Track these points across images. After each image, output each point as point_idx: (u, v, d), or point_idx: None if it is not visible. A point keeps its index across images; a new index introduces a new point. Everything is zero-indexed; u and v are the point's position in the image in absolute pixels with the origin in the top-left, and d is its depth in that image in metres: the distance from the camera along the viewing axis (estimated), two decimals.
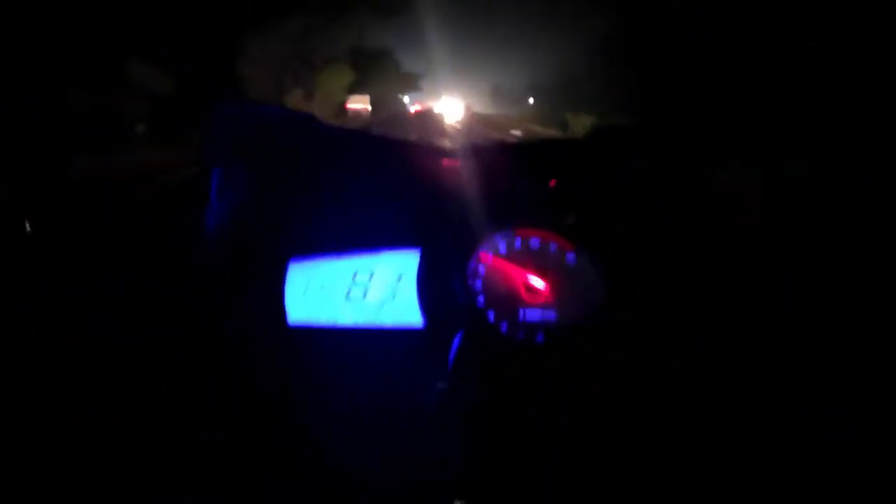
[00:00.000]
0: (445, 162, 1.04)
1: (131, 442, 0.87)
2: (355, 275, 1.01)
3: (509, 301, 0.94)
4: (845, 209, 0.88)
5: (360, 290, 1.00)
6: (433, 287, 0.96)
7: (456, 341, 0.91)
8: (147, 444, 0.88)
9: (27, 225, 0.94)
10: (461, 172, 1.01)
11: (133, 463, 0.85)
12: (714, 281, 0.86)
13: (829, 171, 0.92)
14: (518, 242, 0.95)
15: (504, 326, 0.94)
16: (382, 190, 1.03)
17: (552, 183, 0.95)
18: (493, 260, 0.95)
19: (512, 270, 0.94)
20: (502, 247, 0.95)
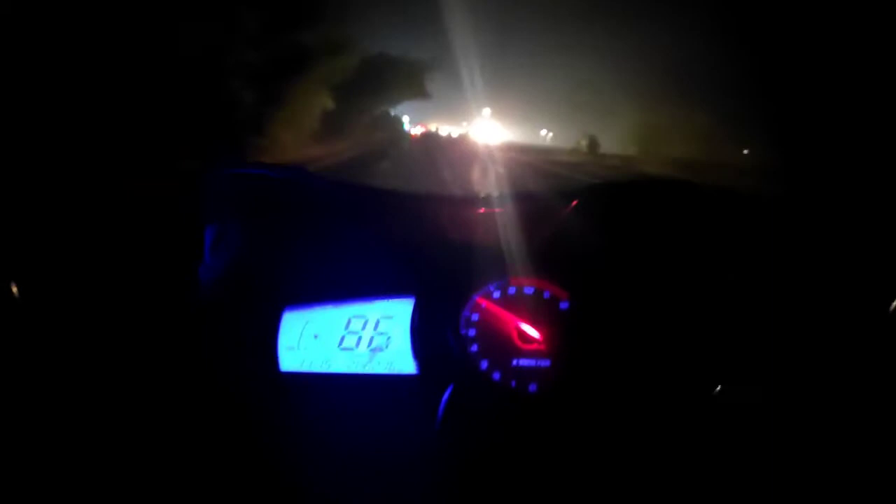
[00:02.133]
0: (440, 210, 1.05)
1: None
2: (349, 323, 1.01)
3: (502, 349, 0.93)
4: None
5: (353, 338, 1.00)
6: (426, 335, 0.96)
7: (448, 390, 0.91)
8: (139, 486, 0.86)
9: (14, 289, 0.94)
10: (456, 221, 1.03)
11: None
12: (706, 323, 0.86)
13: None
14: (512, 290, 0.96)
15: (497, 375, 0.93)
16: (376, 239, 1.05)
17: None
18: (486, 308, 0.95)
19: (506, 318, 0.94)
20: (496, 295, 0.96)
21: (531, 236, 0.97)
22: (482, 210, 1.03)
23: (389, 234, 1.04)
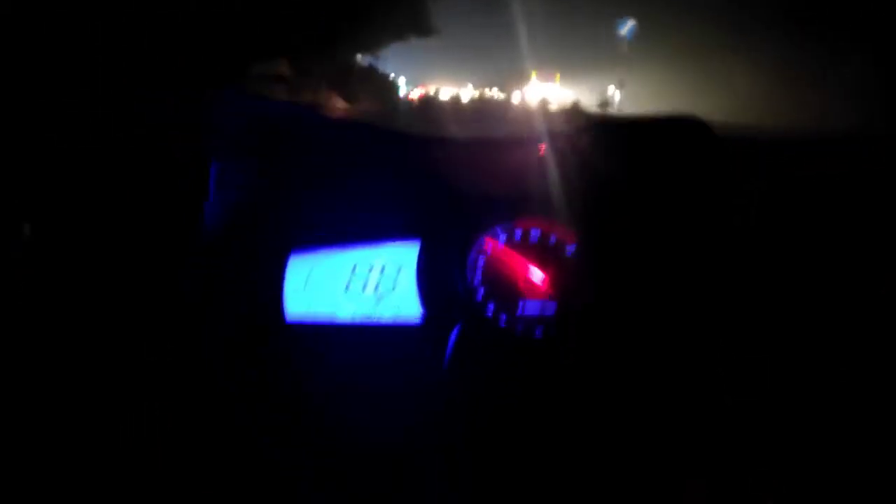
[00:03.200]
0: (447, 153, 1.03)
1: (131, 441, 0.88)
2: (355, 267, 1.00)
3: (508, 294, 0.92)
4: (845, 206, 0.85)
5: (359, 282, 1.00)
6: (432, 279, 0.95)
7: (454, 334, 0.90)
8: (145, 438, 0.88)
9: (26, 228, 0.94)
10: (462, 163, 1.00)
11: (132, 462, 0.86)
12: (715, 271, 0.84)
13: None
14: (518, 234, 0.94)
15: (503, 319, 0.92)
16: (383, 182, 1.03)
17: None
18: (492, 252, 0.94)
19: (512, 262, 0.93)
20: (502, 238, 0.94)
21: (537, 178, 0.95)
22: (489, 152, 1.00)
23: (395, 176, 1.02)
